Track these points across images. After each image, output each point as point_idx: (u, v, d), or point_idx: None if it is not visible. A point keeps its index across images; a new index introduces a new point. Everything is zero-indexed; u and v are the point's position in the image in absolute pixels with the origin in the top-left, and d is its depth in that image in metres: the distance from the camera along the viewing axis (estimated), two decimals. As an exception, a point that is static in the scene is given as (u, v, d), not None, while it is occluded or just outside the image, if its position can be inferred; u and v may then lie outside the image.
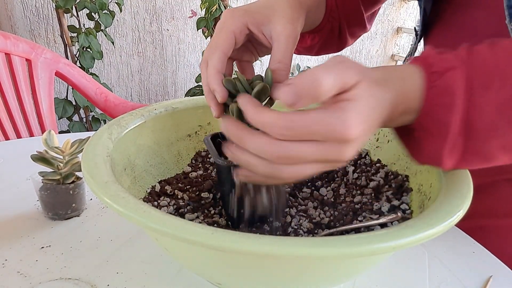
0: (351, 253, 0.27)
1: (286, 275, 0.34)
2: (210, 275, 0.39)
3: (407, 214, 0.43)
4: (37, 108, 1.17)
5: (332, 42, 0.59)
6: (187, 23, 2.14)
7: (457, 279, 0.47)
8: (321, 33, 0.56)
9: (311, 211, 0.46)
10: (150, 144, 0.50)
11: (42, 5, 1.75)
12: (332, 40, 0.58)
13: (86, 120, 1.84)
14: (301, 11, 0.46)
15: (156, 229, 0.29)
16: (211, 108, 0.42)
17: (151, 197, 0.47)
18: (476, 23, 0.52)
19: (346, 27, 0.58)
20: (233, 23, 0.43)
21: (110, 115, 1.21)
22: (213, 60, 0.41)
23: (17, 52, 1.12)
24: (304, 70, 2.72)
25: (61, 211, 0.52)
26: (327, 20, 0.55)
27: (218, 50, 0.42)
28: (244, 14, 0.43)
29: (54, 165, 0.51)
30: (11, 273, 0.43)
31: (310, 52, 0.61)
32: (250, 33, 0.44)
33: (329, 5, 0.54)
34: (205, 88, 0.43)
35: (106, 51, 1.96)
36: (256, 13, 0.44)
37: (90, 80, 1.23)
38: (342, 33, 0.58)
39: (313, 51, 0.60)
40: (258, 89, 0.37)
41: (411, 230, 0.29)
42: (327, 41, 0.58)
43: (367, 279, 0.46)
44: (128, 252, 0.47)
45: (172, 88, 2.26)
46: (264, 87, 0.37)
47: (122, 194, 0.32)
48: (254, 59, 0.48)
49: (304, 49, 0.60)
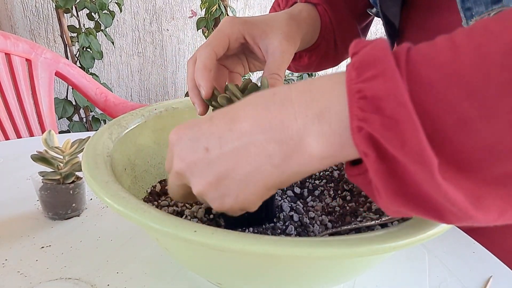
0: (351, 253, 0.27)
1: (286, 275, 0.34)
2: (210, 275, 0.39)
3: (407, 214, 0.43)
4: (37, 108, 1.17)
5: (329, 58, 0.59)
6: (187, 23, 2.14)
7: (457, 279, 0.47)
8: (317, 50, 0.56)
9: (311, 211, 0.46)
10: (150, 144, 0.50)
11: (42, 5, 1.75)
12: (329, 56, 0.59)
13: (86, 120, 1.84)
14: (299, 32, 0.47)
15: (156, 229, 0.29)
16: (195, 104, 0.43)
17: (152, 197, 0.47)
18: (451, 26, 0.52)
19: (342, 41, 0.58)
20: (230, 28, 0.44)
21: (110, 115, 1.21)
22: (202, 56, 0.41)
23: (17, 52, 1.12)
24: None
25: (61, 211, 0.52)
26: (322, 37, 0.55)
27: (208, 47, 0.42)
28: (243, 23, 0.44)
29: (54, 165, 0.51)
30: (11, 272, 0.43)
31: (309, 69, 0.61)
32: (246, 44, 0.45)
33: (323, 23, 0.55)
34: (190, 84, 0.43)
35: (106, 51, 1.96)
36: (255, 25, 0.45)
37: (90, 80, 1.23)
38: (338, 48, 0.58)
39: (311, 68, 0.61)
40: None
41: (411, 230, 0.29)
42: (324, 57, 0.58)
43: (367, 279, 0.46)
44: (128, 252, 0.47)
45: (172, 88, 2.26)
46: None
47: (122, 194, 0.32)
48: (244, 72, 0.49)
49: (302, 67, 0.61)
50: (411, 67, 0.24)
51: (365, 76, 0.24)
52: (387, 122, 0.23)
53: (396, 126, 0.23)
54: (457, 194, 0.23)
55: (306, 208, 0.46)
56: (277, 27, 0.45)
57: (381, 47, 0.25)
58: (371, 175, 0.25)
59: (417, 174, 0.23)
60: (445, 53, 0.23)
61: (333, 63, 0.62)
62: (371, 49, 0.25)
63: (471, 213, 0.24)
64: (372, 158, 0.24)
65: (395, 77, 0.23)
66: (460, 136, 0.23)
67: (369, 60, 0.24)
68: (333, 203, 0.48)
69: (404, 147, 0.23)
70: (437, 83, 0.23)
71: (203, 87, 0.41)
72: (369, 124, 0.24)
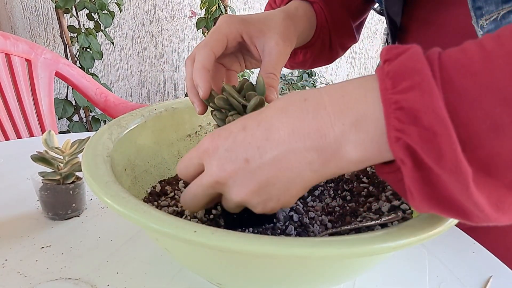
0: (351, 253, 0.27)
1: (286, 275, 0.34)
2: (210, 275, 0.39)
3: (407, 214, 0.43)
4: (37, 108, 1.17)
5: (323, 55, 0.60)
6: (187, 23, 2.14)
7: (457, 279, 0.47)
8: (313, 48, 0.57)
9: (311, 211, 0.46)
10: (150, 144, 0.50)
11: (42, 5, 1.75)
12: (324, 54, 0.59)
13: (86, 120, 1.84)
14: (294, 32, 0.48)
15: (156, 229, 0.29)
16: (195, 104, 0.43)
17: (152, 197, 0.47)
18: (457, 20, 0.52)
19: (337, 39, 0.58)
20: (228, 27, 0.44)
21: (110, 115, 1.21)
22: (201, 56, 0.41)
23: (17, 52, 1.12)
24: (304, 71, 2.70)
25: (61, 211, 0.52)
26: (318, 35, 0.56)
27: (207, 47, 0.42)
28: (240, 22, 0.44)
29: (54, 165, 0.51)
30: (11, 273, 0.43)
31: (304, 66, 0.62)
32: (243, 43, 0.45)
33: (319, 21, 0.55)
34: (188, 84, 0.43)
35: (106, 51, 1.96)
36: (252, 25, 0.45)
37: (90, 80, 1.23)
38: (333, 46, 0.59)
39: (306, 65, 0.61)
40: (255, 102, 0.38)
41: (411, 230, 0.29)
42: (319, 55, 0.59)
43: (367, 279, 0.46)
44: (128, 252, 0.47)
45: (172, 88, 2.26)
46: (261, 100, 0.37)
47: (122, 194, 0.32)
48: (241, 69, 0.49)
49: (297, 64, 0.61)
50: (445, 75, 0.24)
51: (401, 86, 0.25)
52: (425, 134, 0.24)
53: (433, 139, 0.24)
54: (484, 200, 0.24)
55: (306, 208, 0.46)
56: (274, 27, 0.45)
57: (417, 57, 0.25)
58: (406, 181, 0.26)
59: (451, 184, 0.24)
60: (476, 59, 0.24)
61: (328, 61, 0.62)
62: (407, 59, 0.25)
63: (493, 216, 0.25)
64: (408, 166, 0.25)
65: (432, 89, 0.24)
66: (492, 141, 0.23)
67: (405, 70, 0.25)
68: (333, 203, 0.48)
69: (441, 159, 0.24)
70: (470, 91, 0.23)
71: (201, 87, 0.41)
72: (407, 135, 0.25)
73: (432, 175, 0.25)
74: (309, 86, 2.59)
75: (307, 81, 2.62)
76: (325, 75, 2.83)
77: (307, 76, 2.65)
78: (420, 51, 0.26)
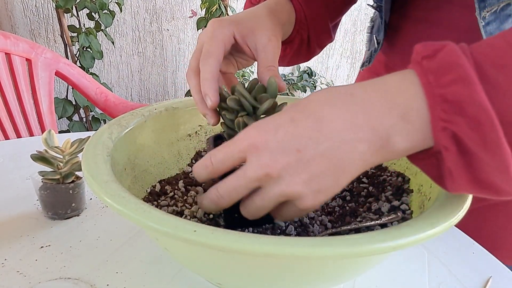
0: (351, 253, 0.27)
1: (286, 275, 0.34)
2: (210, 275, 0.39)
3: (407, 214, 0.43)
4: (37, 108, 1.17)
5: (301, 52, 0.60)
6: (187, 23, 2.14)
7: (457, 279, 0.47)
8: (291, 44, 0.57)
9: (311, 212, 0.46)
10: (150, 143, 0.50)
11: (42, 5, 1.75)
12: (302, 50, 0.60)
13: (86, 120, 1.84)
14: (279, 26, 0.49)
15: (156, 229, 0.29)
16: (207, 116, 0.43)
17: (151, 197, 0.47)
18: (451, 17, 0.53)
19: (315, 37, 0.59)
20: (222, 32, 0.44)
21: (110, 115, 1.21)
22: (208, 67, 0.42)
23: (17, 51, 1.12)
24: (305, 71, 2.69)
25: (61, 211, 0.52)
26: (297, 32, 0.56)
27: (212, 57, 0.42)
28: (231, 24, 0.45)
29: (54, 164, 0.51)
30: (10, 272, 0.43)
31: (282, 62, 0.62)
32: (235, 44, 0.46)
33: (298, 17, 0.55)
34: (197, 97, 0.43)
35: (106, 51, 1.96)
36: (241, 24, 0.46)
37: (90, 80, 1.23)
38: (311, 44, 0.60)
39: (285, 61, 0.62)
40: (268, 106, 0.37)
41: (411, 230, 0.29)
42: (297, 51, 0.59)
43: (367, 279, 0.46)
44: (128, 252, 0.47)
45: (172, 88, 2.26)
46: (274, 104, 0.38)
47: (122, 194, 0.32)
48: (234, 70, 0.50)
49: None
50: (479, 68, 0.27)
51: (444, 80, 0.28)
52: (471, 123, 0.27)
53: (479, 127, 0.27)
54: None
55: (306, 208, 0.46)
56: (263, 23, 0.46)
57: (456, 52, 0.28)
58: (449, 165, 0.29)
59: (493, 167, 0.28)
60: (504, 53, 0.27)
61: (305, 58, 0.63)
62: (447, 55, 0.28)
63: None
64: (453, 152, 0.28)
65: (474, 82, 0.27)
66: None
67: (447, 65, 0.28)
68: (332, 203, 0.48)
69: (486, 145, 0.27)
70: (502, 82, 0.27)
71: (210, 97, 0.41)
72: (453, 124, 0.28)
73: (475, 160, 0.28)
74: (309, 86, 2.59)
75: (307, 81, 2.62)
76: (325, 75, 2.83)
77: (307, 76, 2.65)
78: (457, 47, 0.28)
